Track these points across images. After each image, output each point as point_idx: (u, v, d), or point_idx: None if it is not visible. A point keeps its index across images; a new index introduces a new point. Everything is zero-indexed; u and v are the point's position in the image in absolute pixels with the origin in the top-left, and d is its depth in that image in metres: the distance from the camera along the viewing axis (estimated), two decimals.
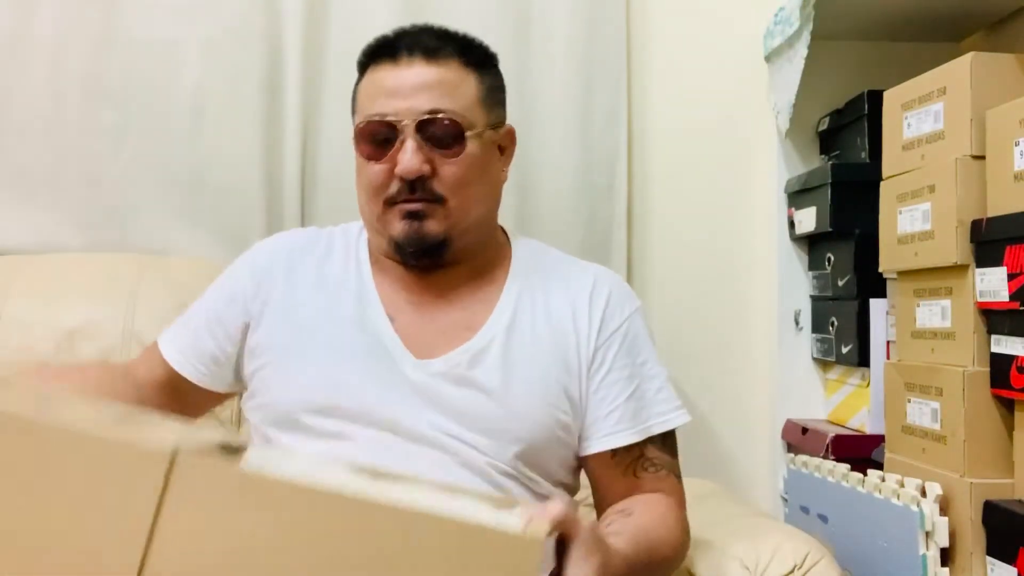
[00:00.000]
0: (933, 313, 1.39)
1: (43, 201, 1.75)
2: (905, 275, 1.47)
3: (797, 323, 1.85)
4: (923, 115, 1.41)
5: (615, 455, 1.09)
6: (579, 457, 1.12)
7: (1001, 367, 1.25)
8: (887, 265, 1.51)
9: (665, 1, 1.92)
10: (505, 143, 1.16)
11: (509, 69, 1.82)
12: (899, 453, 1.45)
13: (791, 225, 1.84)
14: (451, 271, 1.12)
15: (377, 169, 1.07)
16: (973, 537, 1.27)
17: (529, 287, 1.13)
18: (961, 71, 1.33)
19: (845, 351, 1.68)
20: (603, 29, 1.85)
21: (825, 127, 1.81)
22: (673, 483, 1.12)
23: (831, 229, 1.68)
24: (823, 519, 1.54)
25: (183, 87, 1.78)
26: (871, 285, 1.62)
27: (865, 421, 1.63)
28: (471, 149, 1.07)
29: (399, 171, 1.05)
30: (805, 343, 1.85)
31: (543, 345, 1.10)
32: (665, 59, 1.92)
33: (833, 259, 1.74)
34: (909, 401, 1.42)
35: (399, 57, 1.08)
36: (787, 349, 1.85)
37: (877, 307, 1.61)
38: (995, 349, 1.27)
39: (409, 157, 1.04)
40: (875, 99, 1.60)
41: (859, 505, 1.42)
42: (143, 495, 0.64)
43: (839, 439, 1.61)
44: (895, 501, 1.33)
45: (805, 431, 1.72)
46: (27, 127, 1.75)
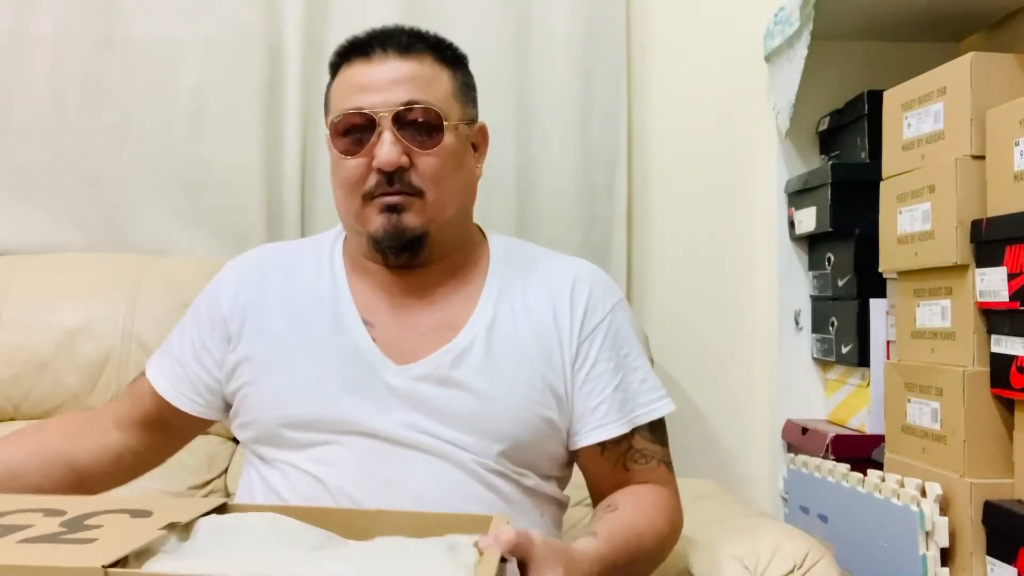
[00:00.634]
0: (933, 313, 1.39)
1: (43, 201, 1.75)
2: (905, 275, 1.47)
3: (797, 323, 1.85)
4: (923, 115, 1.41)
5: (604, 449, 1.09)
6: (570, 451, 1.12)
7: (1001, 367, 1.25)
8: (887, 265, 1.51)
9: (665, 1, 1.92)
10: (478, 141, 1.15)
11: (509, 69, 1.85)
12: (899, 453, 1.45)
13: (791, 225, 1.84)
14: (429, 270, 1.12)
15: (354, 164, 1.05)
16: (973, 537, 1.27)
17: (508, 284, 1.13)
18: (961, 71, 1.33)
19: (845, 351, 1.68)
20: (603, 29, 1.85)
21: (825, 127, 1.81)
22: (663, 473, 1.12)
23: (831, 229, 1.68)
24: (823, 519, 1.54)
25: (183, 87, 1.78)
26: (871, 285, 1.62)
27: (865, 421, 1.63)
28: (448, 141, 1.06)
29: (377, 163, 1.03)
30: (805, 343, 1.85)
31: (525, 342, 1.09)
32: (665, 59, 1.92)
33: (833, 259, 1.74)
34: (909, 401, 1.42)
35: (372, 54, 1.07)
36: (787, 349, 1.85)
37: (877, 307, 1.61)
38: (995, 349, 1.27)
39: (387, 149, 1.03)
40: (875, 99, 1.60)
41: (859, 505, 1.42)
42: None
43: (839, 439, 1.61)
44: (895, 501, 1.33)
45: (805, 431, 1.72)
46: (27, 127, 1.75)
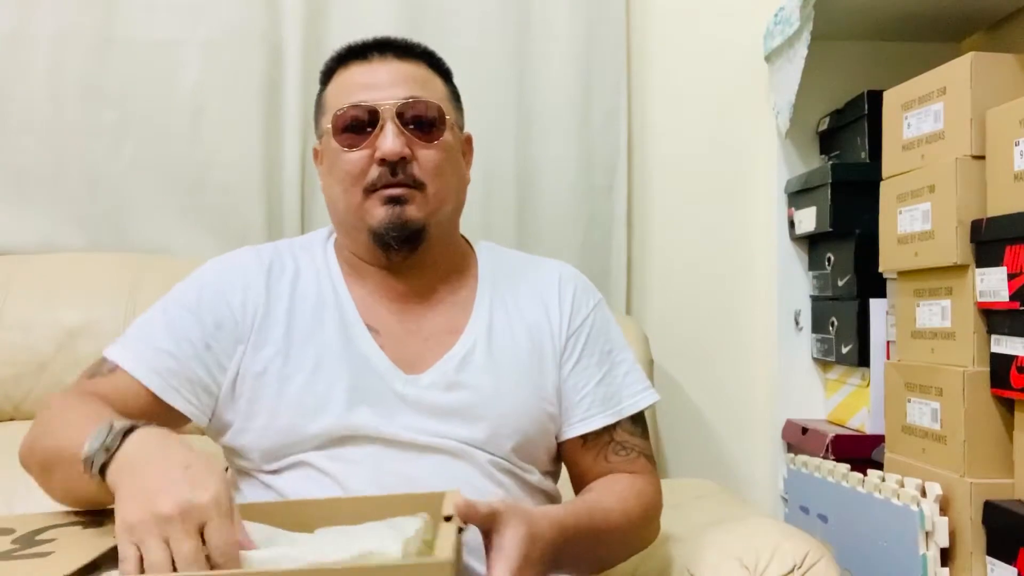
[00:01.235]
0: (933, 313, 1.39)
1: (43, 201, 1.75)
2: (905, 275, 1.47)
3: (797, 323, 1.85)
4: (923, 115, 1.41)
5: (586, 441, 1.13)
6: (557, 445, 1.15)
7: (1001, 367, 1.25)
8: (887, 265, 1.51)
9: (665, 1, 1.92)
10: (466, 149, 1.19)
11: (509, 69, 1.85)
12: (899, 453, 1.45)
13: (791, 225, 1.84)
14: (426, 272, 1.13)
15: (356, 156, 1.07)
16: (973, 537, 1.27)
17: (499, 289, 1.16)
18: (961, 71, 1.33)
19: (845, 351, 1.68)
20: (603, 29, 1.85)
21: (825, 127, 1.81)
22: (643, 464, 1.14)
23: (831, 229, 1.68)
24: (823, 519, 1.54)
25: (183, 87, 1.78)
26: (871, 285, 1.62)
27: (865, 421, 1.63)
28: (447, 138, 1.10)
29: (380, 153, 1.05)
30: (805, 343, 1.85)
31: (521, 341, 1.12)
32: (665, 59, 1.92)
33: (833, 259, 1.74)
34: (909, 401, 1.42)
35: (370, 57, 1.10)
36: (787, 349, 1.85)
37: (877, 307, 1.61)
38: (995, 349, 1.27)
39: (391, 140, 1.05)
40: (875, 99, 1.60)
41: (859, 505, 1.42)
42: None
43: (839, 439, 1.61)
44: (895, 501, 1.33)
45: (805, 431, 1.72)
46: (27, 127, 1.75)
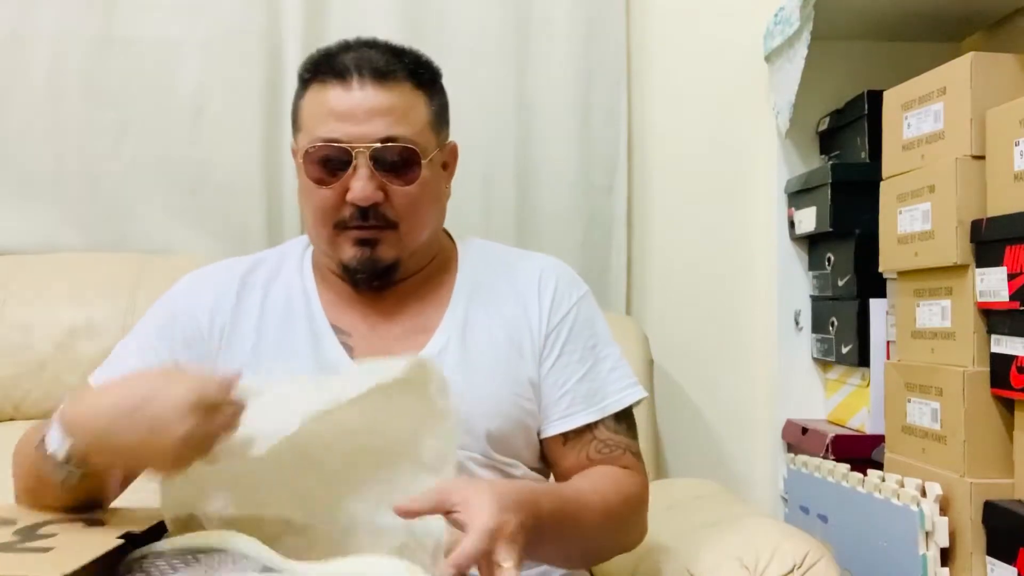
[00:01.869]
0: (933, 313, 1.39)
1: (43, 201, 1.74)
2: (905, 275, 1.47)
3: (797, 323, 1.85)
4: (923, 115, 1.41)
5: (567, 440, 1.11)
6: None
7: (1001, 367, 1.25)
8: (887, 265, 1.51)
9: (665, 1, 1.91)
10: (449, 160, 1.16)
11: (509, 69, 1.85)
12: (899, 453, 1.45)
13: (791, 225, 1.84)
14: (398, 289, 1.12)
15: (327, 194, 1.05)
16: (973, 537, 1.27)
17: (478, 284, 1.14)
18: (961, 71, 1.33)
19: (845, 351, 1.68)
20: (603, 29, 1.85)
21: (825, 127, 1.81)
22: (628, 459, 1.12)
23: (831, 229, 1.68)
24: (823, 519, 1.54)
25: (183, 87, 1.78)
26: (871, 285, 1.62)
27: (865, 421, 1.63)
28: (423, 175, 1.07)
29: (352, 198, 1.03)
30: (805, 343, 1.85)
31: (498, 338, 1.11)
32: (665, 59, 1.92)
33: (833, 259, 1.74)
34: (909, 401, 1.42)
35: (348, 79, 1.05)
36: (787, 349, 1.85)
37: (877, 307, 1.61)
38: (995, 349, 1.27)
39: (363, 185, 1.03)
40: (875, 99, 1.59)
41: (859, 505, 1.42)
42: None
43: (839, 439, 1.61)
44: (895, 501, 1.33)
45: (805, 431, 1.72)
46: (27, 127, 1.75)
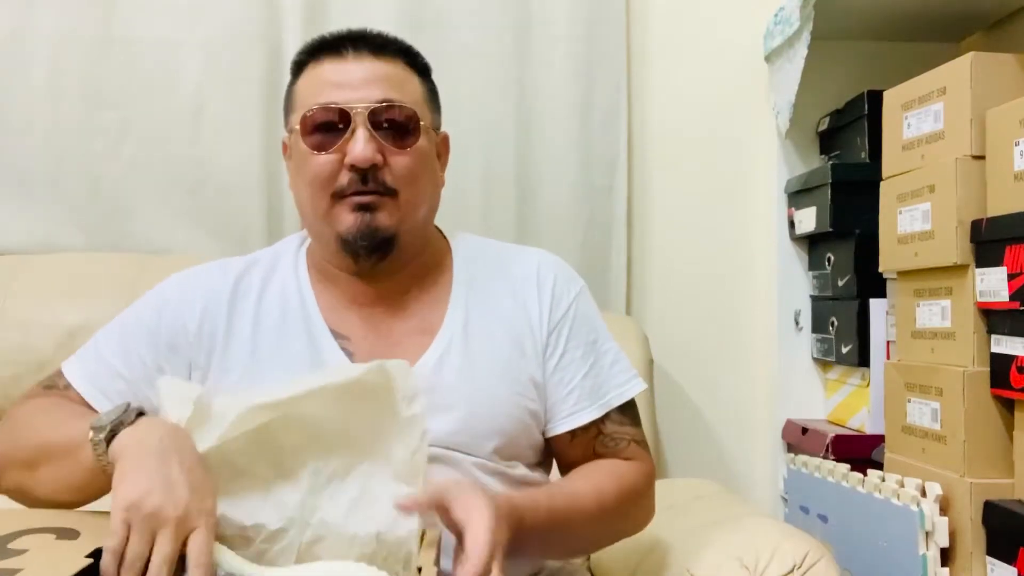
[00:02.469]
0: (933, 313, 1.39)
1: (43, 201, 1.75)
2: (905, 275, 1.47)
3: (797, 323, 1.85)
4: (923, 115, 1.41)
5: (574, 436, 1.09)
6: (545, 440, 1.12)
7: (1001, 367, 1.25)
8: (887, 265, 1.51)
9: (665, 1, 1.92)
10: (442, 150, 1.14)
11: (509, 69, 1.85)
12: (899, 453, 1.45)
13: (791, 225, 1.84)
14: (397, 277, 1.09)
15: (324, 160, 1.02)
16: (973, 537, 1.27)
17: (475, 282, 1.11)
18: (961, 71, 1.33)
19: (845, 351, 1.68)
20: (603, 29, 1.85)
21: (825, 127, 1.81)
22: (634, 450, 1.10)
23: (831, 229, 1.68)
24: (823, 519, 1.54)
25: (183, 87, 1.78)
26: (871, 285, 1.62)
27: (865, 421, 1.63)
28: (421, 143, 1.05)
29: (351, 159, 1.01)
30: (805, 343, 1.85)
31: (499, 337, 1.08)
32: (665, 59, 1.92)
33: (833, 259, 1.74)
34: (909, 401, 1.42)
35: (344, 52, 1.05)
36: (787, 349, 1.85)
37: (877, 307, 1.61)
38: (995, 349, 1.27)
39: (362, 146, 1.00)
40: (875, 99, 1.60)
41: (859, 505, 1.42)
42: None
43: (839, 439, 1.61)
44: (895, 501, 1.33)
45: (805, 431, 1.72)
46: (27, 127, 1.75)
